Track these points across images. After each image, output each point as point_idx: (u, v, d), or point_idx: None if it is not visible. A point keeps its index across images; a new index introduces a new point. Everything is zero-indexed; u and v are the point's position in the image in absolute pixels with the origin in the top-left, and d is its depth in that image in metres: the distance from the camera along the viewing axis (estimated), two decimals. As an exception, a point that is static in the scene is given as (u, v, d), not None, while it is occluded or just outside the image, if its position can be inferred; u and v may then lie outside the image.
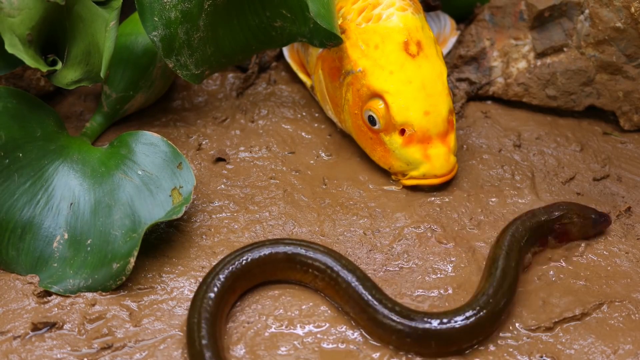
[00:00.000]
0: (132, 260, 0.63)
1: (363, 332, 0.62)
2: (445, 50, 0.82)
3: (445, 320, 0.59)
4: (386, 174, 0.73)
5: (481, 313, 0.60)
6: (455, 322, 0.59)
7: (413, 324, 0.59)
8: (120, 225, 0.66)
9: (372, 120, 0.70)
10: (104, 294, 0.63)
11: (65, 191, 0.67)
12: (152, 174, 0.68)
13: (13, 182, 0.66)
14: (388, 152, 0.71)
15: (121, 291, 0.64)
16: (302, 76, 0.80)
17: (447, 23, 0.84)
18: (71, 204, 0.67)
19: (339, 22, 0.74)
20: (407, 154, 0.70)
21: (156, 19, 0.69)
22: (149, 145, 0.69)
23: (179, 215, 0.65)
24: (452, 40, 0.83)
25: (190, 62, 0.72)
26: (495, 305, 0.60)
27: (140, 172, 0.68)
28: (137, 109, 0.77)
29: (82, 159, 0.69)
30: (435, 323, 0.59)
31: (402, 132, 0.69)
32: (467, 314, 0.60)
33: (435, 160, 0.69)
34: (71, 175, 0.68)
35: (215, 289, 0.61)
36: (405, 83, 0.69)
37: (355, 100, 0.71)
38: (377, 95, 0.70)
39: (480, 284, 0.63)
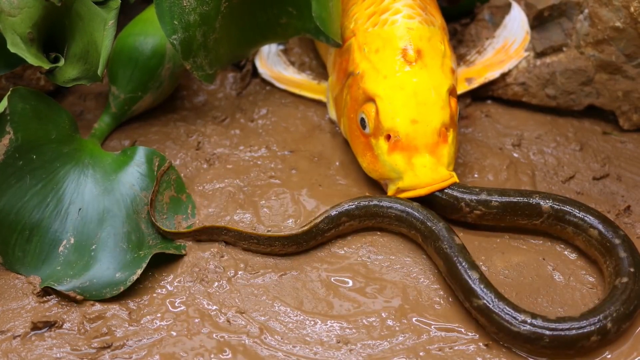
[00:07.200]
0: (139, 272, 0.63)
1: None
2: (499, 71, 0.79)
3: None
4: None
5: None
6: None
7: None
8: (127, 239, 0.66)
9: (363, 124, 0.69)
10: (103, 293, 0.64)
11: (75, 196, 0.67)
12: (160, 197, 0.68)
13: (25, 183, 0.65)
14: (376, 158, 0.69)
15: (121, 290, 0.64)
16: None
17: (517, 44, 0.79)
18: (80, 209, 0.67)
19: (351, 26, 0.74)
20: (390, 161, 0.67)
21: (176, 22, 0.69)
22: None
23: (181, 253, 0.66)
24: (512, 62, 0.79)
25: (206, 63, 0.72)
26: None
27: (149, 191, 0.68)
28: (145, 109, 0.77)
29: (92, 163, 0.69)
30: None
31: (388, 137, 0.67)
32: None
33: (418, 169, 0.66)
34: (81, 180, 0.68)
35: None
36: (396, 89, 0.68)
37: (353, 103, 0.71)
38: (370, 99, 0.69)
39: None
